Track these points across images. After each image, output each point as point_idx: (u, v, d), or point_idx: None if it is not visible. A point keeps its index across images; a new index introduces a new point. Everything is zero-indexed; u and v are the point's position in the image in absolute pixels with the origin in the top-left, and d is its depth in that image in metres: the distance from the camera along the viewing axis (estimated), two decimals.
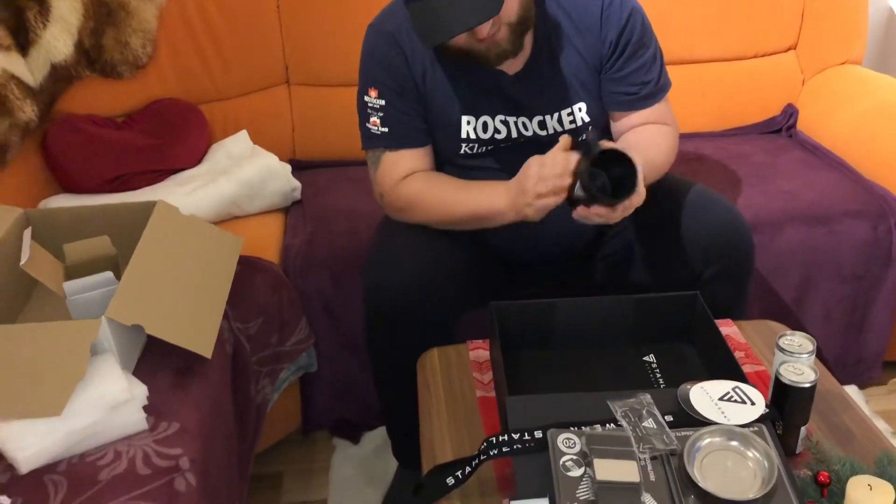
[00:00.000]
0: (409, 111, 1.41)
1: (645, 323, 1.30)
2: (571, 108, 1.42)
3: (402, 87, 1.40)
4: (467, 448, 1.14)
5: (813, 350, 1.09)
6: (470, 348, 1.36)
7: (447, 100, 1.40)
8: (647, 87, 1.44)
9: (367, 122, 1.44)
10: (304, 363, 1.72)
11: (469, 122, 1.41)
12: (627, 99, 1.45)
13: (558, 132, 1.42)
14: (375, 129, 1.43)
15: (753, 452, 0.99)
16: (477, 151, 1.44)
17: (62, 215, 1.48)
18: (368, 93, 1.42)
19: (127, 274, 1.21)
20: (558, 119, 1.42)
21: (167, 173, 1.88)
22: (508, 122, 1.41)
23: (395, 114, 1.41)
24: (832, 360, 1.90)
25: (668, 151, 1.45)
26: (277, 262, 1.70)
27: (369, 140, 1.45)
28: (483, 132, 1.41)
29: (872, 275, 1.83)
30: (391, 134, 1.42)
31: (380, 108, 1.41)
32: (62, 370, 1.08)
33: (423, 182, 1.43)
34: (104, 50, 1.85)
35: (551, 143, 1.37)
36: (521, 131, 1.42)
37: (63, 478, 1.05)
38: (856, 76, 2.23)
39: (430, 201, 1.42)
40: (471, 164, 1.46)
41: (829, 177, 1.96)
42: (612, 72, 1.42)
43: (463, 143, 1.43)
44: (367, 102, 1.42)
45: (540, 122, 1.42)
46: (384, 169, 1.45)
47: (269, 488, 1.75)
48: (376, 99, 1.41)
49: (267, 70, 2.10)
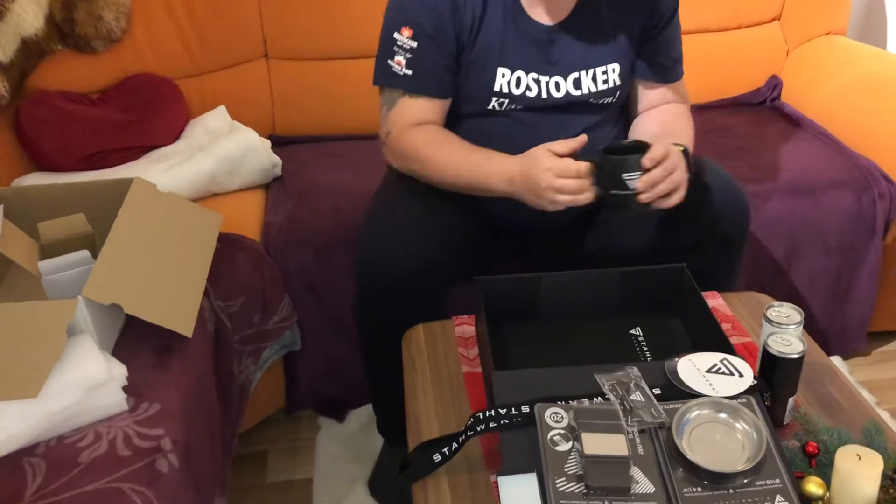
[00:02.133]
0: (438, 60, 1.38)
1: (631, 296, 1.29)
2: (606, 68, 1.42)
3: (439, 35, 1.36)
4: (453, 424, 1.13)
5: (800, 321, 1.09)
6: (455, 324, 1.34)
7: (487, 51, 1.38)
8: (679, 61, 1.48)
9: (389, 59, 1.40)
10: (287, 341, 1.70)
11: (504, 76, 1.39)
12: (661, 70, 1.47)
13: (591, 92, 1.42)
14: (398, 69, 1.39)
15: (742, 424, 0.98)
16: (505, 108, 1.42)
17: (36, 193, 1.44)
18: (401, 31, 1.37)
19: (104, 252, 1.18)
20: (593, 77, 1.41)
21: (144, 150, 1.84)
22: (540, 80, 1.40)
23: (425, 60, 1.38)
24: (817, 330, 1.90)
25: (692, 132, 1.47)
26: (258, 240, 1.67)
27: (389, 77, 1.41)
28: (515, 87, 1.40)
29: (857, 245, 1.83)
30: (415, 78, 1.39)
31: (409, 49, 1.37)
32: (38, 351, 1.06)
33: (432, 136, 1.41)
34: (76, 24, 1.80)
35: (575, 108, 1.41)
36: (552, 92, 1.41)
37: (41, 460, 1.03)
38: (840, 46, 2.22)
39: (433, 158, 1.39)
40: (492, 123, 1.45)
41: (814, 148, 1.96)
42: (651, 40, 1.44)
43: (494, 97, 1.41)
44: (397, 40, 1.38)
45: (575, 80, 1.41)
46: (399, 110, 1.42)
47: (254, 467, 1.74)
48: (409, 39, 1.37)
49: (245, 44, 2.06)
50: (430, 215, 1.39)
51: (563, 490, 0.92)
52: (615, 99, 1.46)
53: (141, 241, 1.27)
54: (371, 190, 1.57)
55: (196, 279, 1.32)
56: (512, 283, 1.27)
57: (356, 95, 2.09)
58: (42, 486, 0.99)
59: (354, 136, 2.09)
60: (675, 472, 0.94)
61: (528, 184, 1.29)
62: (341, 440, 1.78)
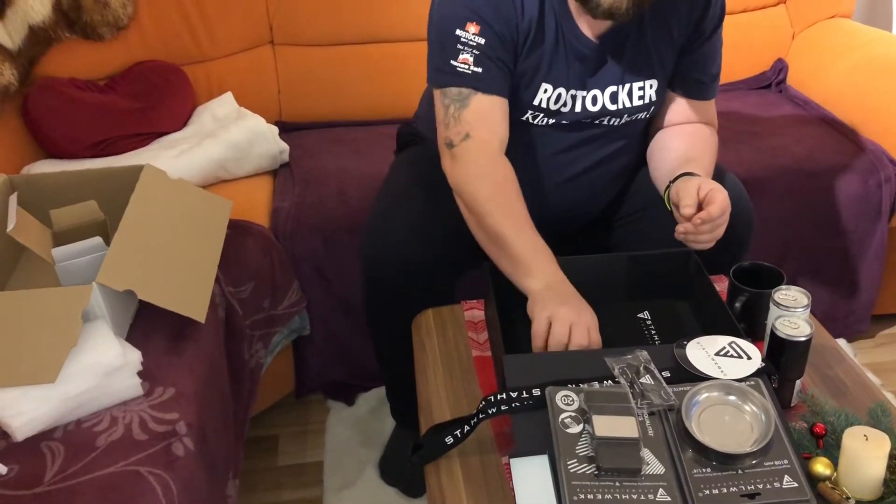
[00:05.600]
0: (505, 59, 1.29)
1: (639, 280, 1.30)
2: (644, 83, 1.36)
3: (504, 34, 1.27)
4: (464, 407, 1.14)
5: (808, 304, 1.10)
6: (465, 308, 1.36)
7: (536, 64, 1.32)
8: (716, 79, 1.42)
9: (453, 59, 1.27)
10: (296, 326, 1.72)
11: (546, 91, 1.33)
12: (696, 86, 1.41)
13: (626, 108, 1.36)
14: (465, 67, 1.27)
15: (750, 406, 1.00)
16: (537, 122, 1.37)
17: (47, 181, 1.45)
18: (466, 27, 1.26)
19: (116, 239, 1.19)
20: (629, 92, 1.36)
21: (152, 137, 1.85)
22: (577, 96, 1.34)
23: (493, 58, 1.28)
24: (822, 313, 1.91)
25: (715, 157, 1.42)
26: (267, 226, 1.68)
27: (455, 77, 1.28)
28: (554, 103, 1.34)
29: (862, 229, 1.84)
30: (486, 76, 1.27)
31: (477, 45, 1.26)
32: (55, 337, 1.07)
33: (498, 189, 1.25)
34: (83, 11, 1.81)
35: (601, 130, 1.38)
36: (588, 106, 1.35)
37: (60, 444, 1.04)
38: (845, 30, 2.22)
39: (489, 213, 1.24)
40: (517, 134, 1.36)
41: (820, 132, 1.96)
42: (693, 54, 1.38)
43: (530, 111, 1.35)
44: (461, 37, 1.27)
45: (612, 93, 1.35)
46: (477, 110, 1.28)
47: (266, 451, 1.76)
48: (476, 36, 1.26)
49: (251, 30, 2.06)
50: (436, 208, 1.36)
51: (575, 471, 0.93)
52: (648, 115, 1.41)
53: (153, 227, 1.28)
54: (378, 175, 1.58)
55: (208, 265, 1.33)
56: None
57: (363, 81, 2.09)
58: (61, 468, 1.01)
59: (361, 121, 2.10)
60: (685, 454, 0.95)
61: (567, 302, 1.15)
62: (351, 423, 1.79)
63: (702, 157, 1.37)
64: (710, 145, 1.42)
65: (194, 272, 1.29)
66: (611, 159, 1.43)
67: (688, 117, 1.44)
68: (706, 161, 1.37)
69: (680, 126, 1.44)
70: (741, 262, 1.23)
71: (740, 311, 1.19)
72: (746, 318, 1.19)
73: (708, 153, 1.39)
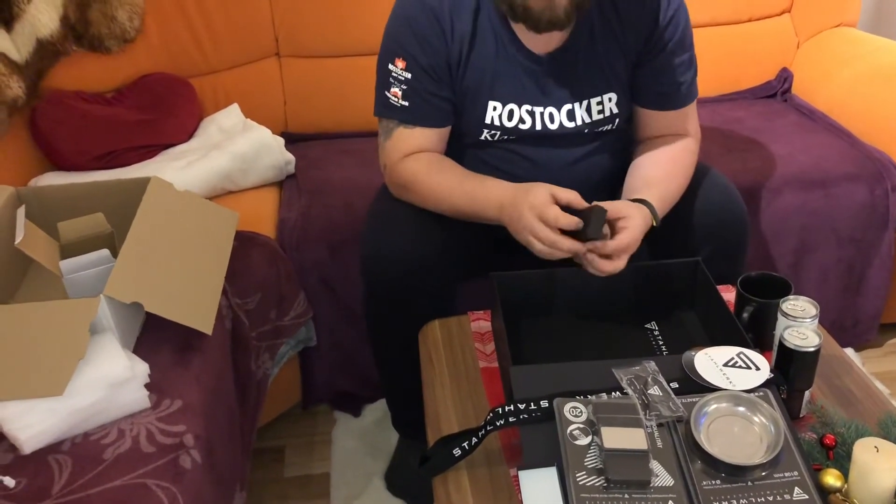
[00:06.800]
0: (434, 91, 1.36)
1: (646, 290, 1.30)
2: (601, 98, 1.38)
3: (433, 66, 1.34)
4: (472, 419, 1.14)
5: (816, 314, 1.09)
6: (471, 319, 1.35)
7: (478, 83, 1.36)
8: (681, 88, 1.41)
9: (386, 91, 1.39)
10: (303, 337, 1.72)
11: (495, 108, 1.37)
12: (659, 98, 1.41)
13: (586, 123, 1.38)
14: (395, 101, 1.38)
15: (759, 417, 0.99)
16: (498, 139, 1.40)
17: (54, 193, 1.46)
18: (395, 62, 1.36)
19: (124, 251, 1.20)
20: (587, 108, 1.38)
21: (158, 148, 1.85)
22: (535, 112, 1.37)
23: (420, 91, 1.36)
24: (829, 322, 1.91)
25: (685, 175, 1.41)
26: (273, 237, 1.68)
27: (385, 109, 1.40)
28: (507, 120, 1.37)
29: (869, 238, 1.84)
30: (410, 109, 1.37)
31: (404, 80, 1.36)
32: (62, 350, 1.07)
33: (426, 164, 1.39)
34: (91, 24, 1.81)
35: (571, 138, 1.36)
36: (546, 123, 1.38)
37: (68, 457, 1.04)
38: (851, 38, 2.22)
39: (426, 186, 1.38)
40: (488, 153, 1.42)
41: (825, 140, 1.95)
42: (648, 66, 1.38)
43: (485, 129, 1.39)
44: (391, 71, 1.37)
45: (569, 111, 1.37)
46: (394, 141, 1.41)
47: (272, 462, 1.75)
48: (403, 71, 1.35)
49: (257, 42, 2.07)
50: (433, 212, 1.39)
51: (584, 484, 0.93)
52: (614, 126, 1.42)
53: (160, 239, 1.29)
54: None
55: (215, 277, 1.33)
56: (527, 278, 1.28)
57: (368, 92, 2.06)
58: (69, 481, 1.01)
59: (366, 132, 2.09)
60: (694, 465, 0.95)
61: (513, 214, 1.25)
62: (357, 434, 1.79)
63: (665, 180, 1.37)
64: (676, 163, 1.41)
65: (201, 284, 1.29)
66: (589, 167, 1.43)
67: (658, 130, 1.44)
68: (671, 184, 1.37)
69: (651, 142, 1.44)
70: (749, 273, 1.23)
71: (748, 321, 1.19)
72: (754, 328, 1.19)
73: (673, 173, 1.39)
